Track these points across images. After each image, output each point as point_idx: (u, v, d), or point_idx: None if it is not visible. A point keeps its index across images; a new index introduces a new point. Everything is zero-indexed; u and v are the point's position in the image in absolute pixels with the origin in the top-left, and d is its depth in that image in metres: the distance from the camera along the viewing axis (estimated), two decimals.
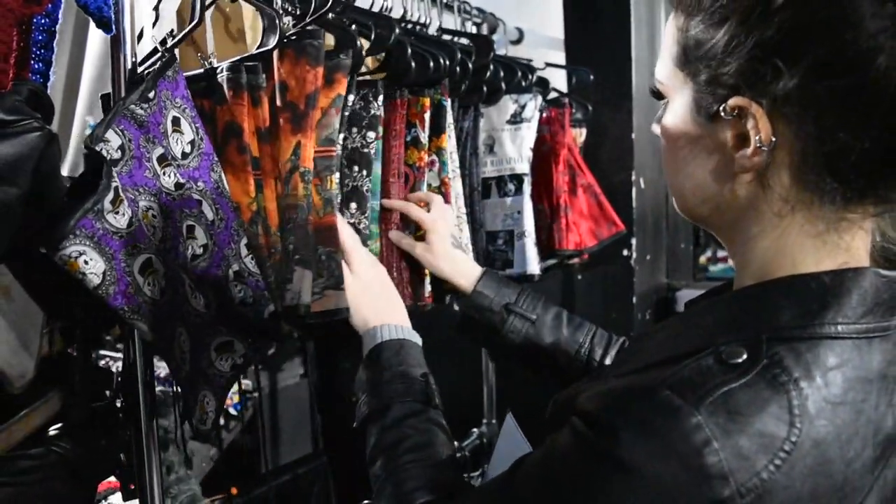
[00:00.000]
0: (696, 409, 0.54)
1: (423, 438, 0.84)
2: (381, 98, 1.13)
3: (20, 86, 0.78)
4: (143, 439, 0.93)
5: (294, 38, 0.99)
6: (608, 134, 2.16)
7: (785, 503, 0.54)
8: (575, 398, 0.62)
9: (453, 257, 1.18)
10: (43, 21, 0.83)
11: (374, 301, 1.00)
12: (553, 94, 1.76)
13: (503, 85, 1.50)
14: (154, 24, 0.95)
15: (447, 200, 1.30)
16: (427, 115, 1.25)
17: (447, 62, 1.25)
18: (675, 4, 0.67)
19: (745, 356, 0.56)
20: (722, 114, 0.62)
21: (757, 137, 0.60)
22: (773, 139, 0.60)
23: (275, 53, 0.99)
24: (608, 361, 1.09)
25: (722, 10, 0.61)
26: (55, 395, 0.86)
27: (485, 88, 1.46)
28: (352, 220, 1.11)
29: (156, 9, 0.95)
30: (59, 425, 0.87)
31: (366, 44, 1.17)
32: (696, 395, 0.54)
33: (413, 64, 1.20)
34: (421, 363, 0.93)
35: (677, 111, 0.67)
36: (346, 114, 1.10)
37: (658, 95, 0.71)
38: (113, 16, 0.85)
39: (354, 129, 1.12)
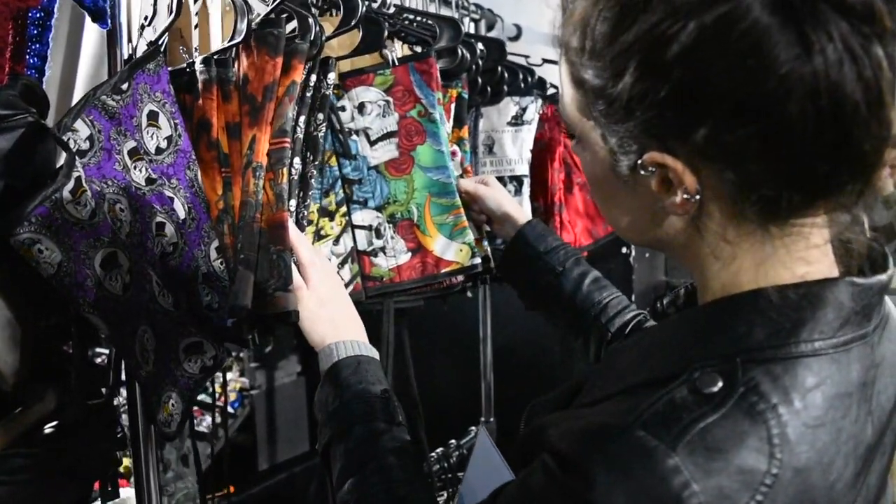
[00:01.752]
0: (673, 448, 0.51)
1: (391, 460, 0.81)
2: (332, 76, 1.08)
3: (15, 80, 0.77)
4: (140, 437, 0.93)
5: (257, 28, 0.95)
6: None
7: None
8: (547, 428, 0.60)
9: (510, 197, 1.28)
10: (38, 15, 0.82)
11: (331, 316, 0.95)
12: (550, 91, 1.75)
13: (505, 87, 1.51)
14: (150, 20, 0.94)
15: None
16: (453, 107, 1.31)
17: (468, 56, 1.31)
18: (562, 50, 0.61)
19: (720, 384, 0.53)
20: (640, 171, 0.58)
21: (682, 188, 0.56)
22: (699, 188, 0.56)
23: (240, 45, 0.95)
24: (613, 329, 1.09)
25: (614, 63, 0.56)
26: (50, 392, 0.85)
27: (489, 89, 1.47)
28: (303, 211, 1.06)
29: (154, 3, 0.94)
30: (54, 423, 0.86)
31: (396, 44, 1.20)
32: (672, 433, 0.52)
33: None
34: (380, 379, 0.89)
35: (593, 159, 0.63)
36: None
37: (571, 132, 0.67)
38: (108, 9, 0.84)
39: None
